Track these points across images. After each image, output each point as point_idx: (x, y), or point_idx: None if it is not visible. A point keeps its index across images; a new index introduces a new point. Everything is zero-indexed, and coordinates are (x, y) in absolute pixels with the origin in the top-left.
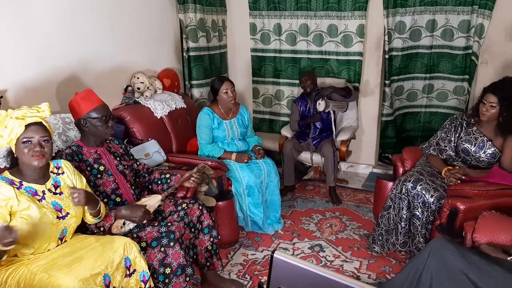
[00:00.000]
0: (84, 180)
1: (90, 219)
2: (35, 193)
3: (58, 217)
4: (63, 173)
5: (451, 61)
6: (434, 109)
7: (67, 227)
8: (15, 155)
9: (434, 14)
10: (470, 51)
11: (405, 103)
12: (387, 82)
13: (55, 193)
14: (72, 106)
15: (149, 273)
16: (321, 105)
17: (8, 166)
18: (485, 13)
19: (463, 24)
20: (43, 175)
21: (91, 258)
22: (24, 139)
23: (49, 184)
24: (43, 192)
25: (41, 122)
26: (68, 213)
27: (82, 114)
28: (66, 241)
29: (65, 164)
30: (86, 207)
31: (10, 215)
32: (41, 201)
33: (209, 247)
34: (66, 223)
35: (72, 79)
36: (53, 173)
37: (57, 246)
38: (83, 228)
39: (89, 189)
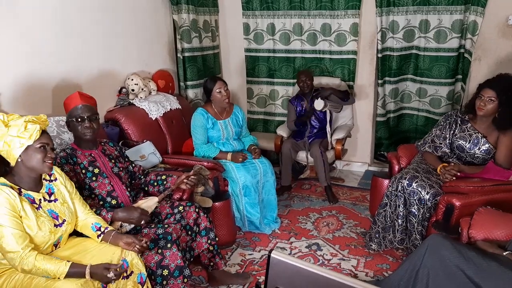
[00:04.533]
0: (74, 185)
1: (91, 234)
2: (33, 201)
3: (55, 225)
4: (55, 179)
5: (444, 64)
6: (428, 114)
7: (63, 234)
8: (14, 161)
9: (427, 14)
10: (463, 50)
11: (400, 105)
12: (380, 81)
13: (50, 201)
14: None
15: (146, 275)
16: (319, 105)
17: None
18: (478, 10)
19: (456, 23)
20: (38, 183)
21: (89, 261)
22: (40, 145)
23: (43, 191)
24: (40, 200)
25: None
26: (64, 220)
27: (66, 114)
28: (59, 247)
29: (56, 170)
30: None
31: None
32: (39, 209)
33: (211, 248)
34: (63, 230)
35: (66, 82)
36: (46, 180)
37: (51, 252)
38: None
39: (78, 195)
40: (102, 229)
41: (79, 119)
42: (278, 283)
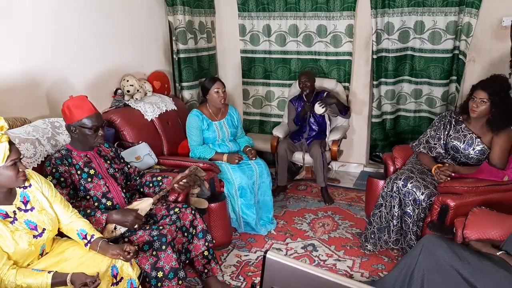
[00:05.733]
0: (53, 186)
1: (78, 240)
2: (6, 216)
3: (34, 236)
4: (30, 185)
5: (439, 65)
6: (423, 113)
7: (46, 242)
8: None
9: (422, 16)
10: (458, 51)
11: (396, 107)
12: (375, 83)
13: (26, 210)
14: (64, 110)
15: (137, 281)
16: (320, 110)
17: None
18: (472, 12)
19: (450, 25)
20: (10, 195)
21: (76, 269)
22: (11, 162)
23: (17, 201)
24: (14, 212)
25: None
26: (44, 229)
27: (73, 120)
28: (47, 253)
29: (30, 175)
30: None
31: None
32: (14, 222)
33: (206, 253)
34: (44, 240)
35: (62, 83)
36: (19, 187)
37: (38, 260)
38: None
39: (59, 196)
40: (88, 238)
41: (95, 128)
42: (273, 284)
